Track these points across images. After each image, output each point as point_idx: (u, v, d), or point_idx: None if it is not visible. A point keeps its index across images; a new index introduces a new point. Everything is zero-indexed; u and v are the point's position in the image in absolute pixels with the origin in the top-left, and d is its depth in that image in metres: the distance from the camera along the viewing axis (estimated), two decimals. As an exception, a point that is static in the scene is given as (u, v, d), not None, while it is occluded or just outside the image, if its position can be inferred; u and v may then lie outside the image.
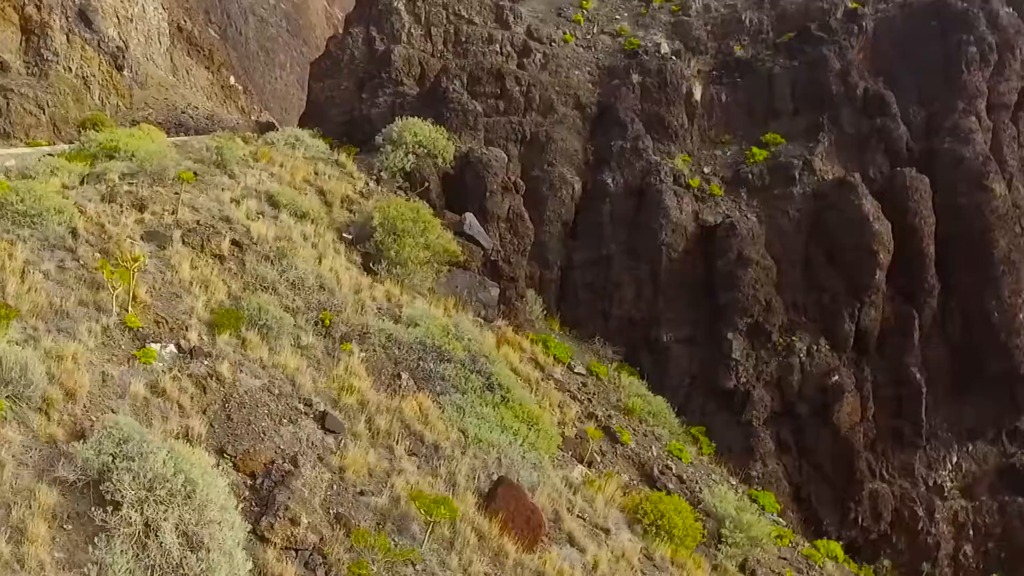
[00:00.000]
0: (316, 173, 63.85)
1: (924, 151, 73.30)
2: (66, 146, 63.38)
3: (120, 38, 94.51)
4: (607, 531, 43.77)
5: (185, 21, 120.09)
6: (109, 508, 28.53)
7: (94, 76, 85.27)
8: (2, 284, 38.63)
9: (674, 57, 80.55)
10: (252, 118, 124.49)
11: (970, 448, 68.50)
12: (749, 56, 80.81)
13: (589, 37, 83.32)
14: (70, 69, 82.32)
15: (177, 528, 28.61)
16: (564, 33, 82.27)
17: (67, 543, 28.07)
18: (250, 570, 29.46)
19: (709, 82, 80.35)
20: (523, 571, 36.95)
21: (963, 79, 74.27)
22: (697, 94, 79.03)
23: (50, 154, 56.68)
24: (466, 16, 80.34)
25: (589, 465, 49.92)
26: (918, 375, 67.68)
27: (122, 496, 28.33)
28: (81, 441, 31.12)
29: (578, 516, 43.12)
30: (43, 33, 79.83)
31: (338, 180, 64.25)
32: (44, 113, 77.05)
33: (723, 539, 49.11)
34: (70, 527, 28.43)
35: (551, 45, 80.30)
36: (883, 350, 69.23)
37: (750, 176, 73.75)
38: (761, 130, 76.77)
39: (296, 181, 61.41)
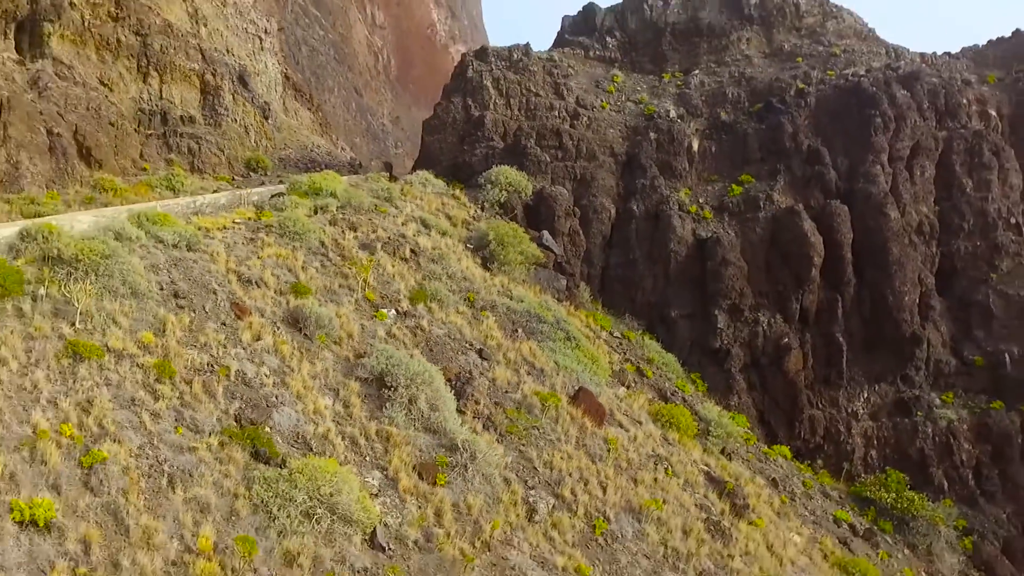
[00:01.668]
0: (443, 204, 73.28)
1: (846, 189, 80.00)
2: (281, 186, 69.39)
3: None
4: (640, 422, 53.67)
5: (287, 70, 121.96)
6: (390, 390, 40.89)
7: (251, 125, 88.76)
8: (296, 275, 49.78)
9: (679, 120, 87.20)
10: (338, 147, 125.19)
11: (876, 387, 74.89)
12: (731, 120, 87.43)
13: (619, 104, 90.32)
14: (236, 120, 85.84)
15: (425, 399, 40.95)
16: (602, 101, 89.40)
17: (368, 408, 40.50)
18: (459, 424, 41.40)
19: (703, 138, 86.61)
20: (596, 437, 47.46)
21: (872, 140, 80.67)
22: (695, 147, 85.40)
23: (280, 193, 65.05)
24: (534, 91, 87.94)
25: (627, 387, 59.33)
26: (841, 338, 75.26)
27: (397, 383, 40.82)
28: (364, 357, 43.23)
29: (623, 414, 53.30)
30: (217, 94, 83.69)
31: (457, 208, 73.48)
32: (223, 154, 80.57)
33: (710, 433, 58.65)
34: (367, 401, 40.47)
35: (593, 110, 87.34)
36: (818, 322, 76.57)
37: (730, 205, 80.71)
38: (738, 172, 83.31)
39: (431, 209, 70.92)
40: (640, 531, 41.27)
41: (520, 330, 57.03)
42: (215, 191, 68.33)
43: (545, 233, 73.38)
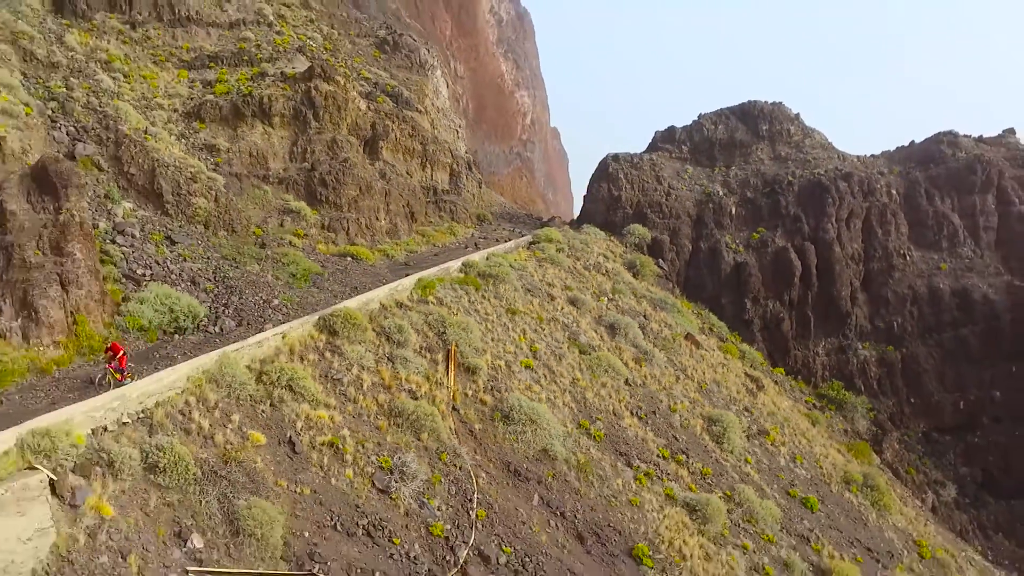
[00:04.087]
0: (607, 245, 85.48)
1: (812, 236, 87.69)
2: (520, 240, 78.83)
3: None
4: (713, 350, 71.65)
5: (467, 148, 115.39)
6: (616, 330, 60.80)
7: (474, 192, 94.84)
8: (565, 282, 67.25)
9: (724, 196, 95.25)
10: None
11: (828, 340, 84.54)
12: (752, 196, 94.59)
13: (691, 186, 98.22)
14: (468, 190, 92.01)
15: (631, 334, 60.79)
16: (681, 185, 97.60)
17: (608, 336, 59.90)
18: (645, 343, 61.88)
19: (737, 206, 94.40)
20: (696, 353, 66.09)
21: (826, 210, 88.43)
22: (733, 212, 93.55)
23: (533, 242, 76.67)
24: (645, 179, 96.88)
25: (704, 335, 75.24)
26: (809, 314, 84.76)
27: (620, 326, 60.82)
28: (602, 316, 62.41)
29: (705, 345, 70.92)
30: (458, 175, 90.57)
31: (614, 247, 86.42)
32: (467, 212, 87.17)
33: (744, 357, 75.85)
34: (607, 334, 60.21)
35: (677, 190, 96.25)
36: (798, 305, 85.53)
37: (752, 244, 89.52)
38: (756, 227, 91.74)
39: (604, 248, 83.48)
40: (719, 389, 63.42)
41: (656, 307, 73.15)
42: (471, 235, 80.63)
43: (660, 260, 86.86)
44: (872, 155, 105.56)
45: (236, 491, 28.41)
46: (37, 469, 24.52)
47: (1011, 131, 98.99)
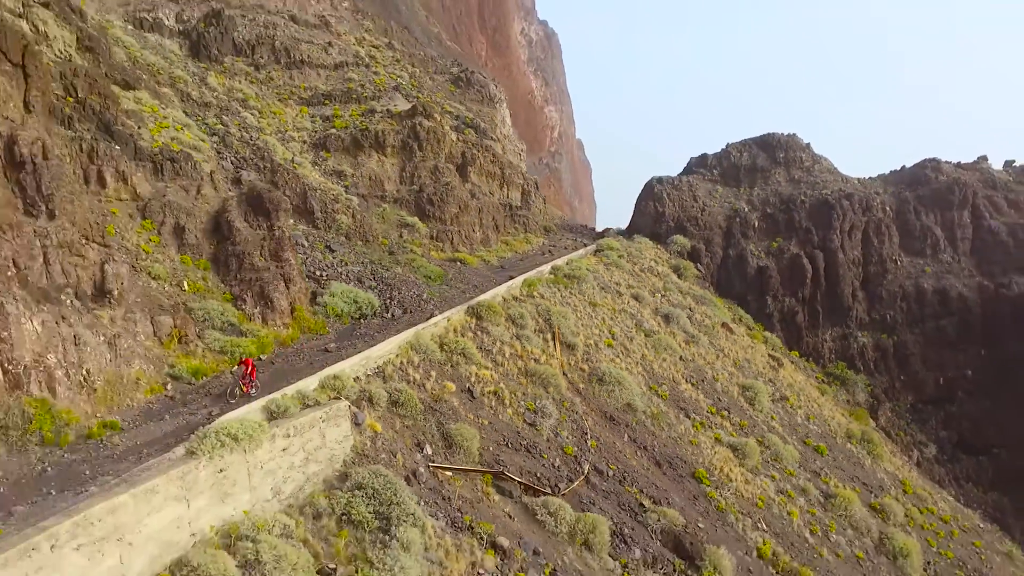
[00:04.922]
0: (655, 252, 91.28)
1: (821, 244, 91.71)
2: (587, 248, 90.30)
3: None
4: (743, 336, 78.74)
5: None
6: (670, 319, 70.62)
7: (540, 208, 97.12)
8: (628, 282, 77.62)
9: (748, 211, 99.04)
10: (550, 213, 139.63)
11: (833, 328, 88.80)
12: (772, 212, 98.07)
13: (721, 204, 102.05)
14: (536, 206, 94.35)
15: (682, 322, 69.19)
16: (713, 202, 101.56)
17: (664, 324, 68.55)
18: (692, 329, 74.91)
19: (759, 220, 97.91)
20: (730, 337, 73.75)
21: (832, 223, 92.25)
22: (755, 224, 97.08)
23: (597, 250, 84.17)
24: (684, 198, 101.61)
25: (735, 324, 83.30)
26: (819, 308, 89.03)
27: (673, 316, 70.42)
28: (658, 308, 71.97)
29: (736, 331, 78.77)
30: (528, 193, 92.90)
31: (661, 253, 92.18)
32: (537, 223, 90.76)
33: (767, 342, 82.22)
34: (663, 321, 68.78)
35: (709, 207, 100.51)
36: (809, 301, 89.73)
37: (772, 251, 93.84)
38: (775, 237, 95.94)
39: (653, 255, 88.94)
40: (749, 365, 72.70)
41: (698, 302, 78.97)
42: (542, 244, 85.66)
43: (697, 264, 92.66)
44: (870, 178, 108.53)
45: (445, 419, 39.18)
46: (339, 399, 35.34)
47: (984, 158, 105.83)
